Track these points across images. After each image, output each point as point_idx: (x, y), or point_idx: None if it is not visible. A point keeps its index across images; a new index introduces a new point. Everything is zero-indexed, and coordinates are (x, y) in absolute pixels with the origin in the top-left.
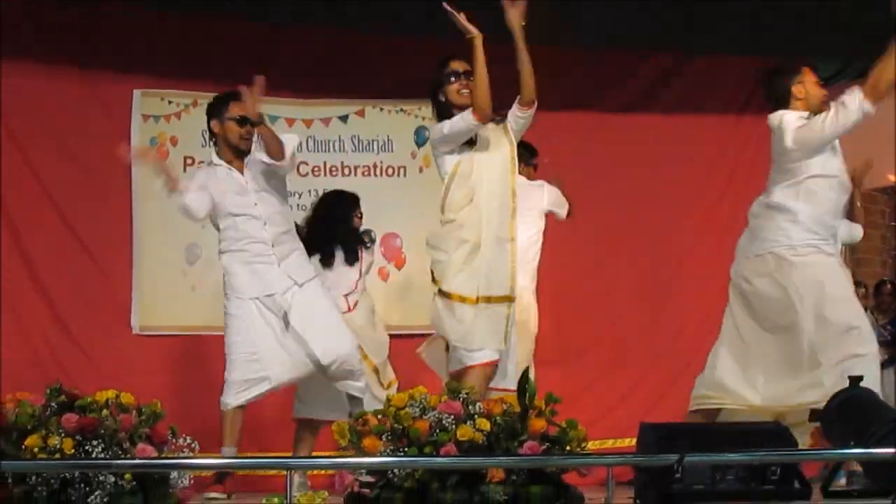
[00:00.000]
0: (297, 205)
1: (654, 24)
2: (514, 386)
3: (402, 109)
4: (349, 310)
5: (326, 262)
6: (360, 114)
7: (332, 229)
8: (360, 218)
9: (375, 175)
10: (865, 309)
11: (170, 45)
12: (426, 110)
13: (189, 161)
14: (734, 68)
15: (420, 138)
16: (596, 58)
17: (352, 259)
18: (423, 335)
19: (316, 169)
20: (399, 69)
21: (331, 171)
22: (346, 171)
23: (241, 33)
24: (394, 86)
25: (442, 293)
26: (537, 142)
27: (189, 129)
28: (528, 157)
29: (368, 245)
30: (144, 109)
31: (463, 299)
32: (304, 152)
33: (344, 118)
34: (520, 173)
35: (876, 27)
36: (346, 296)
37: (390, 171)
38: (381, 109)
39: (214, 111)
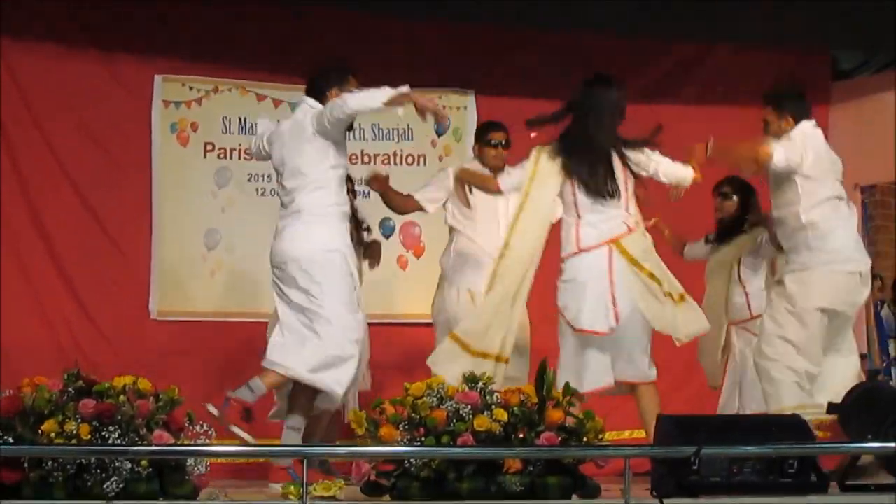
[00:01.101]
0: None
1: (676, 13)
2: None
3: None
4: None
5: None
6: None
7: None
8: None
9: (395, 163)
10: (882, 302)
11: (192, 29)
12: (446, 99)
13: (209, 147)
14: (757, 59)
15: (440, 127)
16: (617, 46)
17: None
18: None
19: None
20: (420, 58)
21: (351, 158)
22: (366, 159)
23: (263, 18)
24: (414, 74)
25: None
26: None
27: (210, 115)
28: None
29: (364, 227)
30: (165, 95)
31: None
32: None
33: None
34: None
35: None
36: None
37: (410, 159)
38: None
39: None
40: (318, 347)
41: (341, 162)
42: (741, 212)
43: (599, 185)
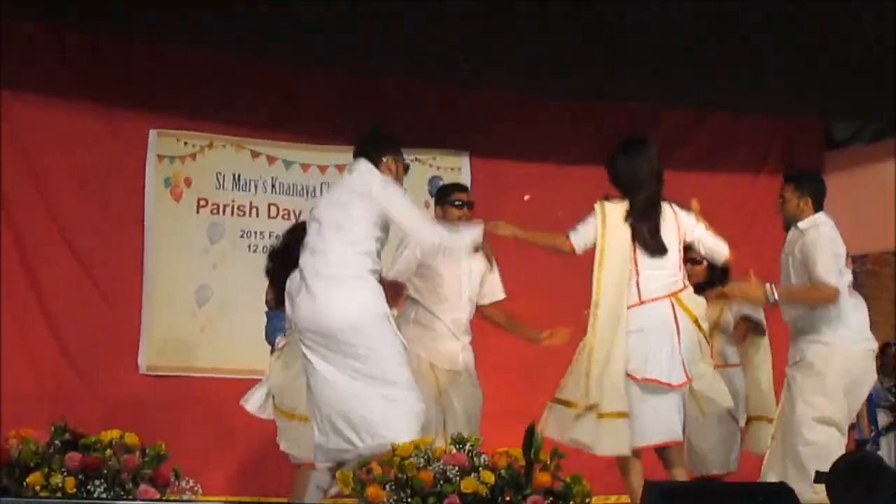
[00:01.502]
0: None
1: (672, 79)
2: None
3: (416, 159)
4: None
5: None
6: None
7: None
8: None
9: None
10: None
11: (188, 85)
12: (441, 160)
13: (203, 203)
14: (750, 126)
15: (433, 188)
16: (613, 111)
17: None
18: None
19: None
20: (415, 117)
21: None
22: None
23: (259, 77)
24: (409, 134)
25: None
26: (553, 194)
27: (204, 170)
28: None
29: None
30: (160, 149)
31: None
32: (318, 198)
33: None
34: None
35: (891, 89)
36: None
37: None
38: None
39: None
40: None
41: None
42: (710, 277)
43: (659, 241)
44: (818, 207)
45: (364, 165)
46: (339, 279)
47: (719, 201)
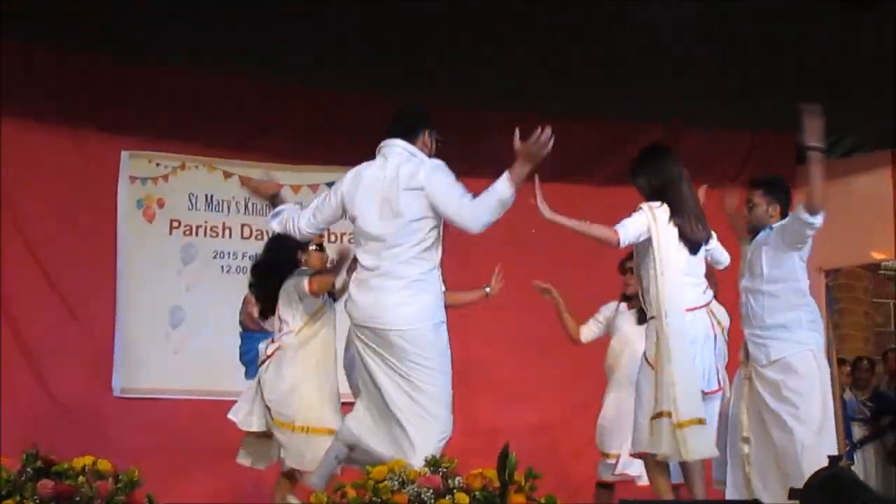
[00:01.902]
0: None
1: (647, 97)
2: None
3: None
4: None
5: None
6: None
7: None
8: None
9: None
10: (845, 387)
11: (160, 106)
12: None
13: (175, 224)
14: (724, 142)
15: None
16: (590, 129)
17: None
18: None
19: None
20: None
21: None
22: (333, 237)
23: (230, 97)
24: None
25: None
26: (531, 211)
27: (176, 191)
28: None
29: None
30: (132, 170)
31: None
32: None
33: (331, 185)
34: None
35: (866, 107)
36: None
37: None
38: None
39: None
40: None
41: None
42: None
43: (708, 231)
44: (785, 215)
45: (398, 155)
46: (401, 279)
47: None
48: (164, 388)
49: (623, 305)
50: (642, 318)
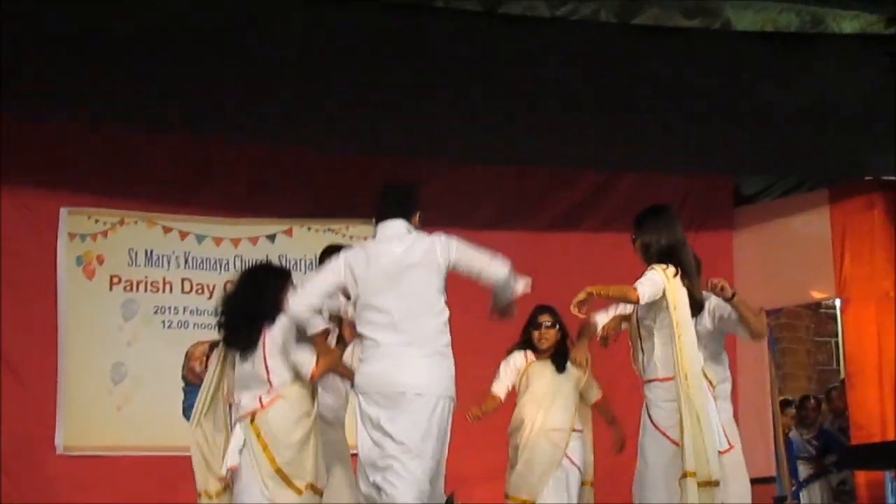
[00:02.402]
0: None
1: (583, 142)
2: None
3: (329, 229)
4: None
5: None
6: (288, 233)
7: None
8: None
9: None
10: (790, 426)
11: (98, 162)
12: (354, 229)
13: (116, 280)
14: (661, 185)
15: None
16: (528, 175)
17: None
18: None
19: None
20: (328, 188)
21: None
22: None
23: (169, 150)
24: (322, 205)
25: None
26: None
27: (116, 247)
28: None
29: None
30: (71, 227)
31: None
32: (231, 271)
33: (272, 237)
34: None
35: (798, 149)
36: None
37: None
38: (309, 229)
39: None
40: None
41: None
42: (562, 343)
43: (700, 312)
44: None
45: (404, 229)
46: (423, 348)
47: (634, 260)
48: (108, 445)
49: (530, 355)
50: (561, 368)
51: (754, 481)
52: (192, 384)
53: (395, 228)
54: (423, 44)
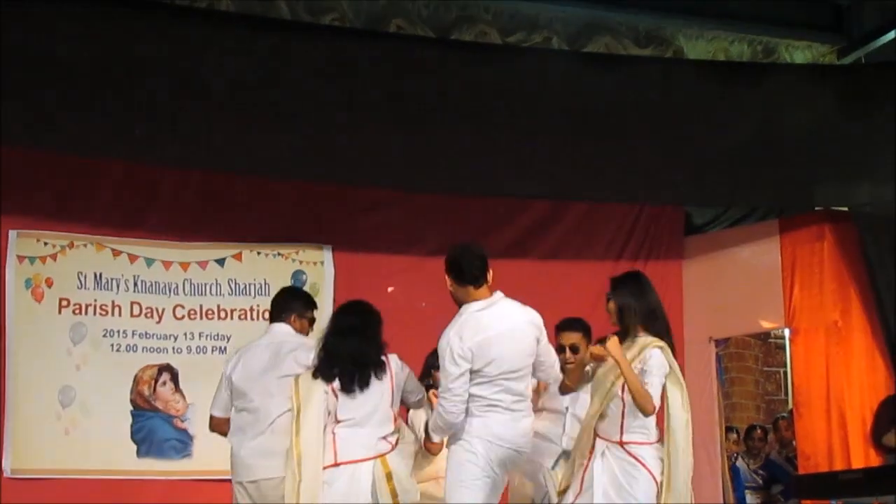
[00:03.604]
0: (174, 348)
1: (532, 172)
2: None
3: (279, 253)
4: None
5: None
6: (238, 257)
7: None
8: None
9: (252, 318)
10: (737, 455)
11: (46, 185)
12: (303, 254)
13: (65, 303)
14: (611, 215)
15: (297, 282)
16: (475, 204)
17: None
18: None
19: (192, 312)
20: (277, 213)
21: (207, 314)
22: (223, 314)
23: (118, 174)
24: (271, 230)
25: None
26: (418, 287)
27: (65, 270)
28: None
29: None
30: (20, 250)
31: None
32: (181, 295)
33: (221, 261)
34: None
35: (749, 179)
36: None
37: (266, 314)
38: (259, 253)
39: None
40: None
41: None
42: None
43: None
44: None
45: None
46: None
47: (582, 288)
48: (56, 469)
49: None
50: None
51: None
52: (140, 408)
53: (501, 301)
54: (374, 70)
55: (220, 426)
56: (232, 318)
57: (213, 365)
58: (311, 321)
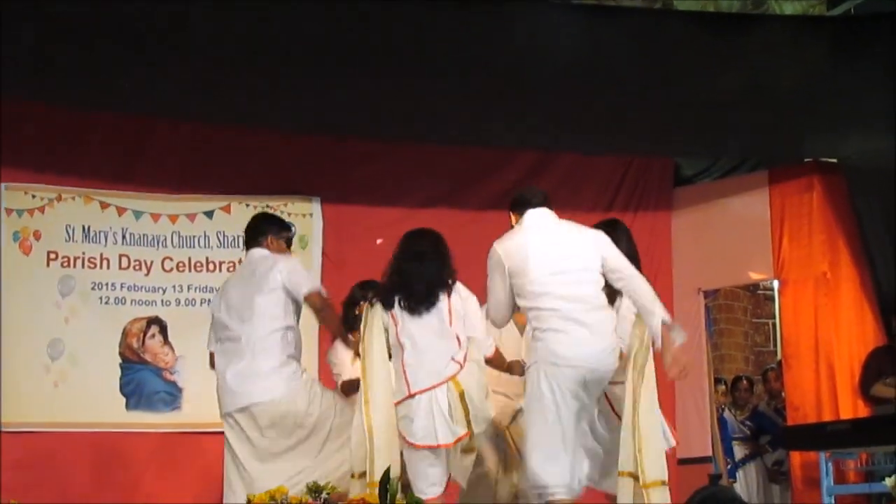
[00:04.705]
0: (162, 300)
1: (521, 122)
2: None
3: (268, 206)
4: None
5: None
6: (226, 209)
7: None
8: None
9: None
10: (724, 406)
11: (35, 137)
12: (292, 206)
13: (53, 256)
14: (601, 165)
15: None
16: (463, 155)
17: None
18: None
19: (181, 264)
20: (265, 165)
21: (195, 266)
22: (211, 266)
23: (106, 126)
24: (260, 182)
25: None
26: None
27: (53, 223)
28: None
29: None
30: (8, 203)
31: None
32: (169, 247)
33: (209, 214)
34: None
35: (738, 131)
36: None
37: None
38: (248, 205)
39: None
40: None
41: None
42: None
43: None
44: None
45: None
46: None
47: None
48: (45, 422)
49: None
50: None
51: (691, 461)
52: (129, 361)
53: (550, 215)
54: (360, 23)
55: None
56: (221, 270)
57: (201, 317)
58: (289, 242)
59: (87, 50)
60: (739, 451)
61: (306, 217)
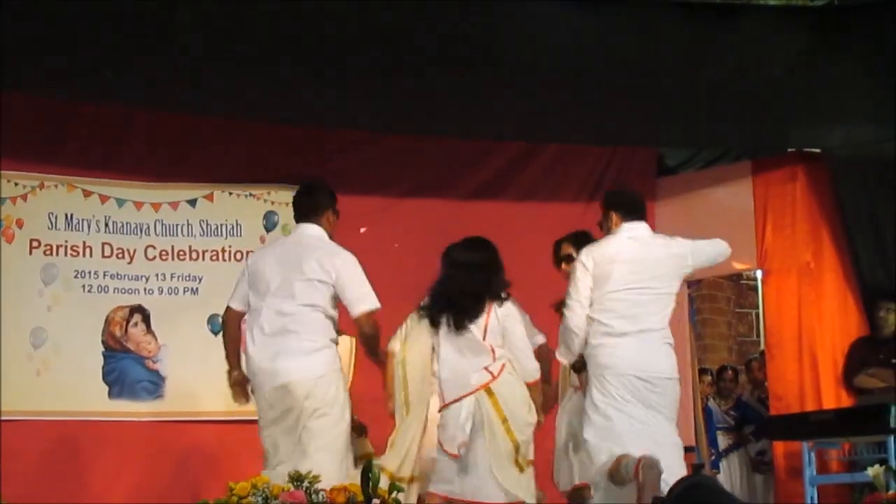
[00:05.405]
0: (145, 289)
1: (504, 113)
2: None
3: (251, 194)
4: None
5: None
6: (209, 198)
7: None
8: None
9: (224, 259)
10: (709, 396)
11: (17, 125)
12: (275, 195)
13: (35, 244)
14: (584, 156)
15: (269, 223)
16: (447, 146)
17: None
18: None
19: (164, 253)
20: (249, 154)
21: (178, 254)
22: (195, 255)
23: (89, 114)
24: (243, 170)
25: None
26: (391, 228)
27: (36, 211)
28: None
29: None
30: None
31: None
32: (152, 236)
33: (192, 202)
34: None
35: (721, 121)
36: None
37: (239, 255)
38: (231, 194)
39: None
40: None
41: None
42: None
43: None
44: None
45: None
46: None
47: (553, 231)
48: (27, 410)
49: None
50: None
51: None
52: (112, 349)
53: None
54: (344, 13)
55: (233, 319)
56: (203, 258)
57: (184, 306)
58: (337, 215)
59: (70, 39)
60: (723, 441)
61: (289, 206)
